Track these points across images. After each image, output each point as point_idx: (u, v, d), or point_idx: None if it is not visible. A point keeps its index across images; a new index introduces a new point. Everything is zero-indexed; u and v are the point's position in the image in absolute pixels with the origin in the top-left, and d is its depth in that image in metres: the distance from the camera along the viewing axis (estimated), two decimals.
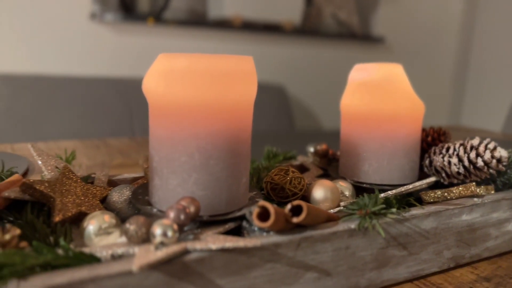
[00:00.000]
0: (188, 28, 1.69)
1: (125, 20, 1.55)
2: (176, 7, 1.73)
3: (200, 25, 1.72)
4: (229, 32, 1.76)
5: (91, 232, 0.33)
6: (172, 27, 1.63)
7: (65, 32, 1.46)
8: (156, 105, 0.35)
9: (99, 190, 0.39)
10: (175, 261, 0.27)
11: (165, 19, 1.62)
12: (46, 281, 0.24)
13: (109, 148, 0.79)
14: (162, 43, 1.65)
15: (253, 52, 1.79)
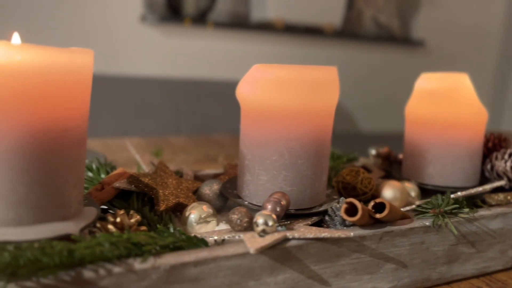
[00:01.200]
0: (231, 30, 1.74)
1: (171, 22, 1.61)
2: (220, 10, 1.78)
3: (243, 27, 1.77)
4: (271, 35, 1.80)
5: (192, 220, 0.38)
6: (211, 29, 1.68)
7: (117, 34, 1.54)
8: (250, 109, 0.39)
9: (190, 184, 0.43)
10: (278, 247, 0.31)
11: (210, 21, 1.68)
12: (178, 258, 0.29)
13: (171, 145, 0.84)
14: (206, 45, 1.70)
15: (293, 54, 1.82)
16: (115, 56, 1.54)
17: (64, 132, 0.30)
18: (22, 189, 0.29)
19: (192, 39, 1.67)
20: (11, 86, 0.28)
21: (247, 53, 1.76)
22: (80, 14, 1.48)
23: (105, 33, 1.52)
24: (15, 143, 0.28)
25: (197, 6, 1.71)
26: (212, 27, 1.66)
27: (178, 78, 1.58)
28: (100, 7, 1.51)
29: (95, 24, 1.51)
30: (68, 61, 0.30)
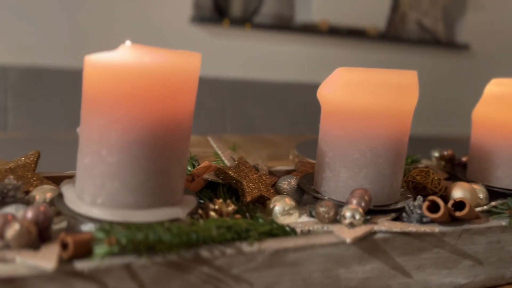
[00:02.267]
0: (275, 32, 1.77)
1: (218, 24, 1.66)
2: (264, 12, 1.81)
3: (287, 29, 1.79)
4: (315, 37, 1.82)
5: (277, 212, 0.40)
6: (249, 29, 1.70)
7: (167, 34, 1.59)
8: (332, 110, 0.41)
9: (269, 178, 0.46)
10: (367, 238, 0.34)
11: (248, 22, 1.70)
12: (279, 244, 0.31)
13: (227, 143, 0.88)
14: (251, 46, 1.74)
15: (337, 56, 1.84)
16: None
17: (177, 126, 0.34)
18: (141, 176, 0.32)
19: (238, 40, 1.71)
20: (138, 85, 0.31)
21: (291, 55, 1.79)
22: (132, 14, 1.54)
23: (155, 33, 1.58)
24: (138, 135, 0.32)
25: (244, 9, 1.75)
26: (250, 28, 1.69)
27: (224, 78, 1.62)
28: (151, 8, 1.57)
29: (146, 24, 1.56)
30: (183, 63, 0.33)
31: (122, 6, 1.52)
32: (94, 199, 0.33)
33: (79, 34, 1.49)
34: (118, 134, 0.31)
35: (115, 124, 0.31)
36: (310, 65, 1.80)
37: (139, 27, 1.55)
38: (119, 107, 0.31)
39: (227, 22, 1.66)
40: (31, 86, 1.37)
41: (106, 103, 0.31)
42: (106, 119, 0.32)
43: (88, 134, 0.33)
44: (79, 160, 0.34)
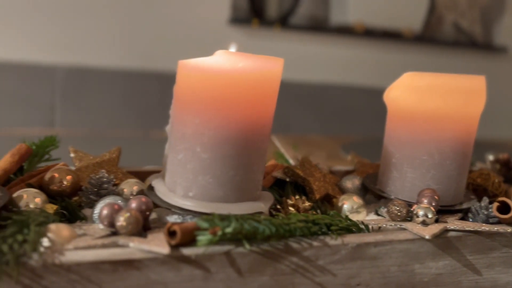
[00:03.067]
0: (310, 33, 1.79)
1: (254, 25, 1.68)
2: (300, 13, 1.83)
3: (322, 30, 1.81)
4: (350, 38, 1.82)
5: (345, 209, 0.42)
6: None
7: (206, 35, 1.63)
8: (399, 112, 0.43)
9: (332, 177, 0.48)
10: (440, 236, 0.35)
11: (277, 23, 1.72)
12: (360, 239, 0.33)
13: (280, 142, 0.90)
14: (286, 47, 1.76)
15: (372, 58, 1.84)
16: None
17: (262, 126, 0.36)
18: (231, 172, 0.35)
19: (273, 41, 1.73)
20: (231, 88, 0.34)
21: (325, 56, 1.80)
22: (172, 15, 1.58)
23: (194, 33, 1.62)
24: (229, 134, 0.34)
25: (280, 10, 1.77)
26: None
27: None
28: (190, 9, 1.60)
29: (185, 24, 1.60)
30: (270, 68, 0.35)
31: (163, 7, 1.57)
32: (186, 192, 0.35)
33: (122, 35, 1.54)
34: (211, 133, 0.34)
35: (209, 123, 0.34)
36: (345, 67, 1.81)
37: (179, 27, 1.60)
38: (213, 108, 0.34)
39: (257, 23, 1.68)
40: (77, 85, 1.42)
41: (201, 104, 0.34)
42: (201, 118, 0.34)
43: (182, 132, 0.35)
44: (171, 156, 0.37)
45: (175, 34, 1.60)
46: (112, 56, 1.52)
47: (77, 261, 0.27)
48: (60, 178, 0.39)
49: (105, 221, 0.32)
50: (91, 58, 1.49)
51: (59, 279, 0.27)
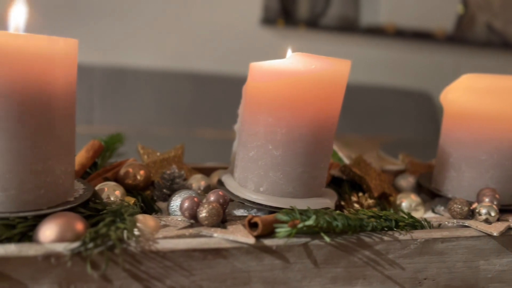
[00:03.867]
0: (340, 34, 1.79)
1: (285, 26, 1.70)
2: (330, 14, 1.83)
3: (352, 31, 1.81)
4: (380, 39, 1.82)
5: (404, 207, 0.44)
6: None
7: (238, 36, 1.65)
8: (458, 113, 0.44)
9: (386, 176, 0.50)
10: (505, 233, 0.36)
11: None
12: (428, 235, 0.35)
13: None
14: (316, 48, 1.76)
15: (402, 58, 1.83)
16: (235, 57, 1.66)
17: (330, 126, 0.38)
18: (300, 169, 0.37)
19: (304, 42, 1.74)
20: (304, 89, 0.35)
21: (355, 57, 1.80)
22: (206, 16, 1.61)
23: (226, 34, 1.64)
24: (300, 132, 0.36)
25: (311, 11, 1.78)
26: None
27: None
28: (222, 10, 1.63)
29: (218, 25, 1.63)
30: (339, 69, 0.37)
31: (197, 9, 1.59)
32: (257, 187, 0.37)
33: (157, 36, 1.58)
34: (284, 131, 0.36)
35: (282, 122, 0.36)
36: (376, 67, 1.81)
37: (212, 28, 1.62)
38: (286, 108, 0.36)
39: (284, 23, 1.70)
40: (114, 84, 1.47)
41: (275, 104, 0.36)
42: (274, 118, 0.36)
43: (254, 131, 0.37)
44: (242, 153, 0.38)
45: (208, 35, 1.63)
46: (147, 57, 1.56)
47: (171, 248, 0.29)
48: (134, 172, 0.41)
49: (186, 212, 0.34)
50: (127, 58, 1.53)
51: (155, 265, 0.29)
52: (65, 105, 0.33)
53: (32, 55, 0.30)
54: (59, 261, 0.27)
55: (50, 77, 0.31)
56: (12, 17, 0.33)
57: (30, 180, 0.31)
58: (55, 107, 0.32)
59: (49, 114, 0.32)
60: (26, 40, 0.30)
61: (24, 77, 0.30)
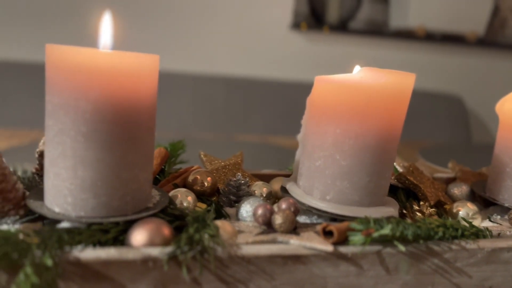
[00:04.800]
0: (369, 37, 1.79)
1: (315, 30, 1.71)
2: (359, 18, 1.84)
3: (381, 35, 1.80)
4: (410, 42, 1.81)
5: (461, 216, 0.45)
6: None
7: (269, 40, 1.67)
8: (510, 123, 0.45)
9: (440, 184, 0.50)
10: None
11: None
12: (495, 244, 0.36)
13: None
14: (345, 51, 1.77)
15: (432, 62, 1.82)
16: (266, 61, 1.68)
17: (394, 136, 0.39)
18: (366, 178, 0.38)
19: (333, 45, 1.75)
20: (372, 101, 0.37)
21: (384, 61, 1.80)
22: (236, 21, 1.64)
23: (257, 38, 1.66)
24: (367, 143, 0.37)
25: (340, 15, 1.78)
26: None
27: None
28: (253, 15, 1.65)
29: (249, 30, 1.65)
30: (404, 83, 0.38)
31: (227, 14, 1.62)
32: (323, 196, 0.39)
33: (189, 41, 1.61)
34: (351, 142, 0.37)
35: (350, 133, 0.37)
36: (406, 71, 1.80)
37: (244, 34, 1.65)
38: (355, 119, 0.37)
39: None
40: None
41: (343, 116, 0.37)
42: (342, 128, 0.37)
43: (321, 141, 0.39)
44: (308, 162, 0.40)
45: (240, 40, 1.65)
46: (180, 61, 1.59)
47: (255, 254, 0.31)
48: (201, 179, 0.44)
49: (260, 219, 0.36)
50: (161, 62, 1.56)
51: (240, 269, 0.30)
52: (148, 118, 0.35)
53: (122, 72, 0.32)
54: (155, 264, 0.29)
55: (137, 92, 0.34)
56: (101, 34, 0.36)
57: (118, 188, 0.34)
58: (140, 119, 0.34)
59: (135, 126, 0.34)
60: (117, 58, 0.32)
61: (115, 93, 0.32)
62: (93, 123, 0.32)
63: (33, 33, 1.50)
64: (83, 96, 0.32)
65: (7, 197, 0.34)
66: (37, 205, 0.35)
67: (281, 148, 1.02)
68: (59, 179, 0.33)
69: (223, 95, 1.54)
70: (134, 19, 1.54)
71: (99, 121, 0.32)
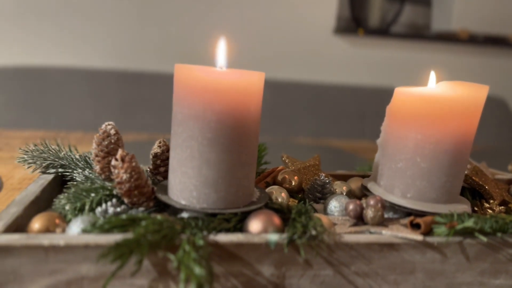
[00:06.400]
0: (411, 40, 1.81)
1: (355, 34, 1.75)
2: (401, 22, 1.86)
3: (424, 38, 1.83)
4: (452, 45, 1.83)
5: None
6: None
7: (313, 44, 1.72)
8: None
9: (503, 185, 0.55)
10: None
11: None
12: None
13: None
14: (388, 55, 1.80)
15: (476, 64, 1.82)
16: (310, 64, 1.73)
17: (468, 141, 0.44)
18: (444, 178, 0.43)
19: (376, 49, 1.79)
20: (450, 110, 0.42)
21: (426, 64, 1.82)
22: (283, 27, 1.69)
23: (302, 43, 1.72)
24: (446, 147, 0.42)
25: (381, 19, 1.82)
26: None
27: (363, 86, 1.71)
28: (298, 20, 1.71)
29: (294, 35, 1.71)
30: (479, 94, 0.43)
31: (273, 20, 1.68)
32: (404, 193, 0.44)
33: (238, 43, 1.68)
34: (432, 146, 0.42)
35: (430, 139, 0.42)
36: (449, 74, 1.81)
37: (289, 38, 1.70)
38: (434, 126, 0.42)
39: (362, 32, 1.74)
40: None
41: (424, 123, 0.42)
42: (422, 134, 0.43)
43: (403, 145, 0.44)
44: (389, 164, 0.45)
45: (286, 44, 1.71)
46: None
47: (356, 241, 0.36)
48: (289, 178, 0.50)
49: (351, 213, 0.41)
50: None
51: (344, 254, 0.36)
52: (255, 126, 0.41)
53: (239, 87, 0.39)
54: (276, 247, 0.35)
55: (248, 104, 0.40)
56: (218, 55, 0.42)
57: (233, 184, 0.40)
58: (250, 126, 0.41)
59: (247, 132, 0.40)
60: (234, 76, 0.38)
61: (232, 106, 0.39)
62: (217, 130, 0.38)
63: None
64: (209, 108, 0.38)
65: (142, 191, 0.41)
66: (165, 198, 0.41)
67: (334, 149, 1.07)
68: (186, 177, 0.40)
69: (268, 98, 1.60)
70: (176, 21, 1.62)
71: (221, 128, 0.39)
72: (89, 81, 1.49)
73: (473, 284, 0.39)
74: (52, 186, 0.47)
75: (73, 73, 1.49)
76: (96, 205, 0.41)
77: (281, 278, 0.36)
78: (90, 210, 0.40)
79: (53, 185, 0.47)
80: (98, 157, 0.44)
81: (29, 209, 0.40)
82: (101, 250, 0.32)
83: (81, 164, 0.47)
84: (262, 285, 0.35)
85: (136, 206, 0.41)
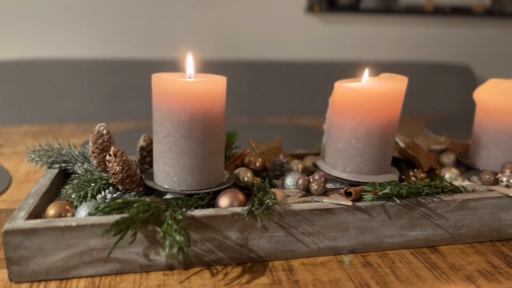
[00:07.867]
0: (381, 15, 1.90)
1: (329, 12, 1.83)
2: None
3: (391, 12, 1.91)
4: (419, 17, 1.92)
5: (447, 178, 0.60)
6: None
7: (285, 23, 1.80)
8: (488, 109, 0.60)
9: (433, 155, 0.66)
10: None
11: (362, 8, 1.85)
12: (465, 196, 0.51)
13: None
14: (358, 30, 1.89)
15: (441, 35, 1.92)
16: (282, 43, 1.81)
17: (394, 125, 0.54)
18: (375, 155, 0.54)
19: (346, 25, 1.87)
20: (377, 101, 0.52)
21: (395, 37, 1.91)
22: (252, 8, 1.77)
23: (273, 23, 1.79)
24: (375, 131, 0.53)
25: None
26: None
27: (334, 61, 1.81)
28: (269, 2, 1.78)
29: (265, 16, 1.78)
30: (397, 87, 0.53)
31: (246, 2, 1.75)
32: (344, 168, 0.55)
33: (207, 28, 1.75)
34: (363, 130, 0.53)
35: (362, 124, 0.53)
36: (416, 45, 1.91)
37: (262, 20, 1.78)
38: (365, 114, 0.53)
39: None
40: None
41: (356, 112, 0.53)
42: (356, 121, 0.53)
43: (341, 130, 0.54)
44: (332, 145, 0.56)
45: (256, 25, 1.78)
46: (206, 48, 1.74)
47: (301, 209, 0.47)
48: (254, 160, 0.60)
49: (301, 186, 0.52)
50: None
51: (292, 219, 0.47)
52: (221, 121, 0.51)
53: (206, 93, 0.48)
54: (239, 217, 0.46)
55: (213, 105, 0.49)
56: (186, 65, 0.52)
57: (206, 169, 0.50)
58: (216, 123, 0.50)
59: (214, 127, 0.50)
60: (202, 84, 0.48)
61: (201, 107, 0.48)
62: (190, 128, 0.48)
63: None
64: (182, 111, 0.48)
65: (132, 179, 0.51)
66: (152, 183, 0.52)
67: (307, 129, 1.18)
68: (167, 166, 0.50)
69: (248, 79, 1.69)
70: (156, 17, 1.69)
71: (193, 126, 0.48)
72: (75, 72, 1.56)
73: (395, 236, 0.50)
74: (58, 179, 0.56)
75: (59, 65, 1.56)
76: (96, 192, 0.51)
77: (244, 240, 0.47)
78: (92, 197, 0.50)
79: (59, 177, 0.57)
80: (95, 153, 0.54)
81: (43, 199, 0.50)
82: (104, 228, 0.43)
83: (80, 159, 0.57)
84: (230, 246, 0.46)
85: (129, 192, 0.51)
